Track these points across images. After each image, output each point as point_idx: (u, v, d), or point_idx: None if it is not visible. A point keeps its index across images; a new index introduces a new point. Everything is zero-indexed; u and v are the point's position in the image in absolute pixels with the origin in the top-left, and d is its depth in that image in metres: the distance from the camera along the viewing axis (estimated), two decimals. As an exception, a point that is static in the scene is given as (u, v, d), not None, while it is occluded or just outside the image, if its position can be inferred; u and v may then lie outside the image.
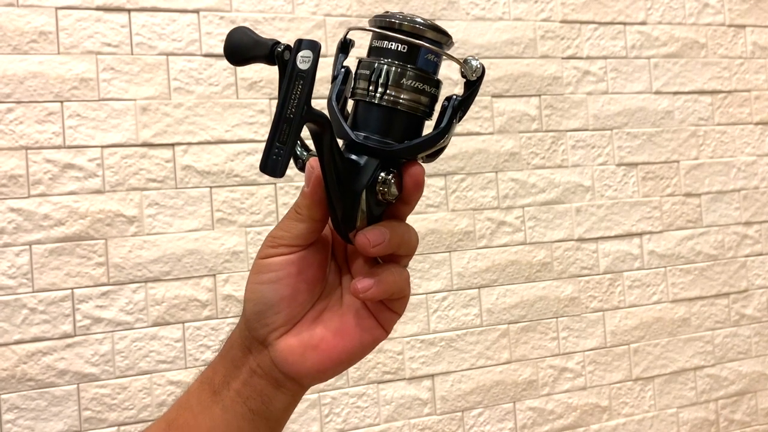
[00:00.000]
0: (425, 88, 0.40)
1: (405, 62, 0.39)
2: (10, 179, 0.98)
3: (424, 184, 0.40)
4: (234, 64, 0.42)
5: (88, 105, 1.02)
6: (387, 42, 0.40)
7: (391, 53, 0.40)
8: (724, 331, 1.36)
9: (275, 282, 0.40)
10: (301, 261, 0.40)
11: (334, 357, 0.40)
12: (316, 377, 0.41)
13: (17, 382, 0.97)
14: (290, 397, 0.41)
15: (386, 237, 0.39)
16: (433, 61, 0.40)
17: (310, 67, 0.35)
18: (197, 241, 1.06)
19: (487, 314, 1.21)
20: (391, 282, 0.39)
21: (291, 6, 1.12)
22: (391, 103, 0.39)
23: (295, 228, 0.40)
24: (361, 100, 0.40)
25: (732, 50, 1.41)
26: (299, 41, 0.36)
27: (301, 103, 0.35)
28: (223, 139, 1.08)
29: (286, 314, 0.40)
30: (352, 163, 0.39)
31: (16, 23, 0.99)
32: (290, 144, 0.35)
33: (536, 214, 1.25)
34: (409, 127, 0.40)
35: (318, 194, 0.39)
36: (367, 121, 0.40)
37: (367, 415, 1.13)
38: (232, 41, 0.41)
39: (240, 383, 0.40)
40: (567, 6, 1.29)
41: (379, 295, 0.39)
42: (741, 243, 1.39)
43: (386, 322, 0.42)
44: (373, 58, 0.40)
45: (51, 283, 0.99)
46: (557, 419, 1.24)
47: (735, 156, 1.40)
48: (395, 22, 0.40)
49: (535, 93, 1.26)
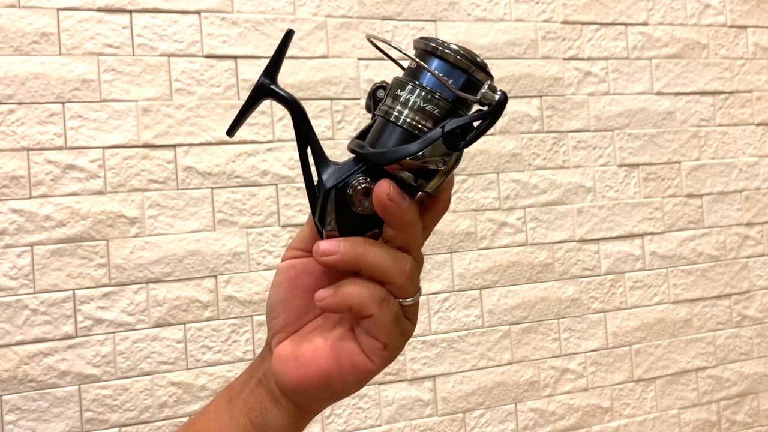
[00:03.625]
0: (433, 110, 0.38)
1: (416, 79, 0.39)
2: (12, 180, 0.98)
3: (397, 208, 0.36)
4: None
5: (89, 106, 1.02)
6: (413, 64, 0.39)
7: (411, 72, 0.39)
8: (726, 332, 1.36)
9: (277, 285, 0.40)
10: (301, 266, 0.40)
11: (309, 373, 0.38)
12: (297, 392, 0.39)
13: (19, 383, 0.97)
14: (286, 417, 0.39)
15: (341, 249, 0.36)
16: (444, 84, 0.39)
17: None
18: (198, 242, 1.06)
19: (488, 315, 1.21)
20: (347, 294, 0.36)
21: (292, 7, 1.12)
22: (385, 114, 0.39)
23: (301, 231, 0.41)
24: (378, 115, 0.40)
25: (733, 51, 1.41)
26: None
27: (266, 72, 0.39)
28: (224, 140, 1.08)
29: (282, 319, 0.40)
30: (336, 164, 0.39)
31: (18, 24, 0.99)
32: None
33: (538, 215, 1.25)
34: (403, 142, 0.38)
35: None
36: (371, 134, 0.40)
37: (369, 416, 1.13)
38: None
39: (248, 392, 0.40)
40: (568, 7, 1.29)
41: (334, 305, 0.37)
42: (743, 244, 1.38)
43: (369, 349, 0.38)
44: (406, 78, 0.39)
45: (52, 284, 0.99)
46: (559, 420, 1.24)
47: (737, 157, 1.39)
48: (439, 49, 0.38)
49: (536, 94, 1.26)
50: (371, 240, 0.38)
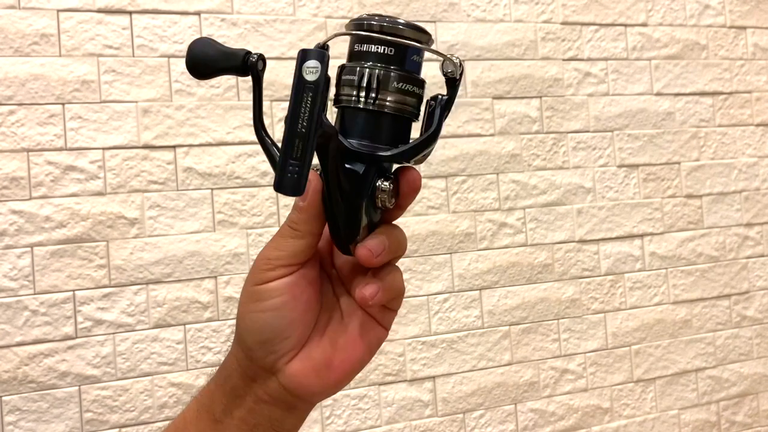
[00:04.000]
0: (412, 89, 0.39)
1: (391, 64, 0.38)
2: (12, 181, 0.98)
3: (420, 188, 0.40)
4: (199, 78, 0.39)
5: (89, 107, 1.02)
6: (371, 45, 0.39)
7: (376, 56, 0.39)
8: (726, 332, 1.36)
9: (279, 308, 0.38)
10: (301, 280, 0.38)
11: (346, 368, 0.40)
12: (331, 392, 0.40)
13: (19, 384, 0.97)
14: (300, 416, 0.41)
15: (386, 245, 0.38)
16: (417, 62, 0.40)
17: (318, 78, 0.34)
18: (198, 243, 1.06)
19: (488, 316, 1.21)
20: (392, 284, 0.39)
21: (292, 8, 1.12)
22: (380, 107, 0.38)
23: (292, 246, 0.38)
24: (347, 106, 0.39)
25: (733, 52, 1.41)
26: (303, 51, 0.35)
27: (314, 116, 0.34)
28: (224, 141, 1.08)
29: (294, 338, 0.38)
30: (351, 172, 0.38)
31: (18, 25, 0.99)
32: (307, 159, 0.33)
33: (537, 216, 1.25)
34: (398, 130, 0.39)
35: (316, 208, 0.38)
36: (355, 127, 0.38)
37: (369, 417, 1.13)
38: (195, 54, 0.38)
39: (245, 411, 0.39)
40: (568, 8, 1.29)
41: (385, 299, 0.39)
42: (742, 244, 1.39)
43: (386, 320, 0.41)
44: (355, 62, 0.39)
45: (52, 285, 0.99)
46: (558, 421, 1.24)
47: (736, 157, 1.39)
48: (377, 25, 0.38)
49: (536, 95, 1.26)
50: (389, 226, 0.40)
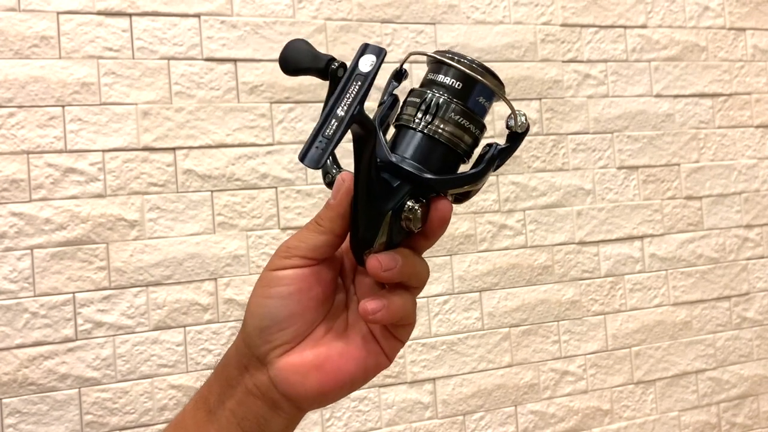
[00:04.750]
0: (470, 127, 0.40)
1: (456, 98, 0.39)
2: (12, 183, 0.98)
3: (449, 222, 0.40)
4: (286, 73, 0.41)
5: (89, 109, 1.02)
6: (443, 76, 0.40)
7: (445, 87, 0.40)
8: (726, 334, 1.36)
9: (285, 297, 0.38)
10: (312, 276, 0.39)
11: (337, 379, 0.39)
12: (317, 399, 0.39)
13: (19, 387, 0.97)
14: (287, 421, 0.40)
15: (398, 264, 0.38)
16: (483, 105, 0.40)
17: (370, 71, 0.36)
18: (198, 245, 1.06)
19: (488, 318, 1.21)
20: (400, 307, 0.38)
21: (292, 10, 1.12)
22: (434, 133, 0.39)
23: (313, 239, 0.39)
24: (404, 125, 0.40)
25: (732, 53, 1.41)
26: (364, 45, 0.37)
27: (355, 102, 0.35)
28: (224, 143, 1.08)
29: (291, 331, 0.38)
30: (385, 181, 0.38)
31: (18, 28, 0.99)
32: (335, 139, 0.35)
33: (537, 218, 1.25)
34: (446, 162, 0.40)
35: (344, 207, 0.38)
36: (406, 146, 0.39)
37: (369, 419, 1.13)
38: (289, 51, 0.41)
39: (235, 403, 0.39)
40: (567, 9, 1.29)
41: (388, 319, 0.38)
42: (742, 246, 1.39)
43: (390, 349, 0.40)
44: (424, 88, 0.40)
45: (52, 287, 0.99)
46: (559, 423, 1.24)
47: (736, 159, 1.40)
48: (456, 58, 0.40)
49: (535, 96, 1.26)
50: (412, 251, 0.40)
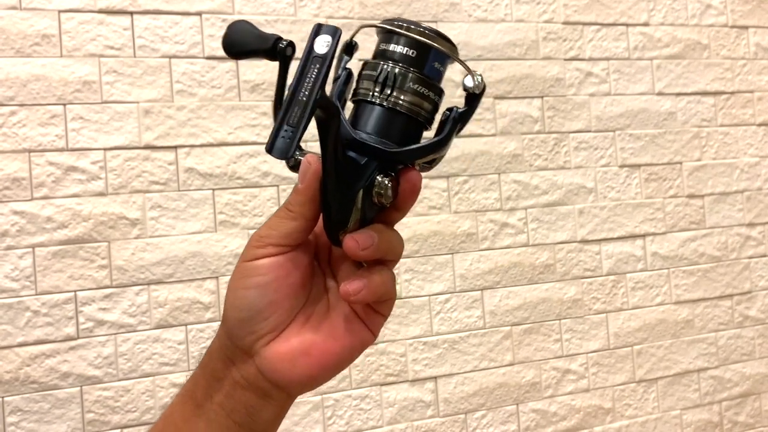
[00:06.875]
0: (429, 95, 0.39)
1: (412, 66, 0.39)
2: (14, 182, 0.98)
3: (419, 191, 0.39)
4: (232, 57, 0.40)
5: (90, 108, 1.02)
6: (396, 45, 0.39)
7: (399, 56, 0.39)
8: (728, 332, 1.36)
9: (263, 286, 0.38)
10: (289, 263, 0.38)
11: (324, 362, 0.39)
12: (306, 384, 0.39)
13: (20, 385, 0.97)
14: (277, 408, 0.40)
15: (375, 241, 0.37)
16: (438, 70, 0.40)
17: (327, 52, 0.35)
18: (200, 243, 1.06)
19: (489, 316, 1.21)
20: (379, 284, 0.38)
21: (293, 8, 1.12)
22: (394, 104, 0.38)
23: (285, 226, 0.38)
24: (363, 100, 0.39)
25: (735, 51, 1.41)
26: (318, 25, 0.36)
27: (316, 87, 0.34)
28: (225, 142, 1.08)
29: (274, 320, 0.38)
30: (352, 160, 0.38)
31: (19, 26, 0.99)
32: (301, 127, 0.34)
33: (539, 216, 1.25)
34: (409, 132, 0.39)
35: (312, 190, 0.38)
36: (367, 121, 0.39)
37: (370, 418, 1.13)
38: (232, 33, 0.40)
39: (223, 396, 0.39)
40: (569, 7, 1.29)
41: (369, 298, 0.38)
42: (744, 244, 1.38)
43: (374, 324, 0.40)
44: (379, 59, 0.40)
45: (54, 285, 0.99)
46: (560, 421, 1.24)
47: (738, 157, 1.39)
48: (404, 25, 0.39)
49: (537, 95, 1.26)
50: (385, 226, 0.40)
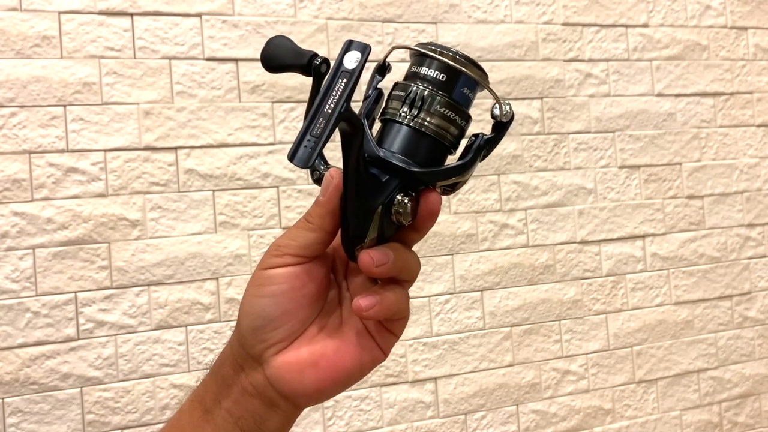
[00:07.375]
0: (456, 119, 0.40)
1: (441, 90, 0.39)
2: (14, 183, 0.99)
3: (438, 214, 0.40)
4: (268, 71, 0.41)
5: (91, 109, 1.02)
6: (427, 68, 0.40)
7: (429, 79, 0.40)
8: (728, 333, 1.36)
9: (278, 295, 0.38)
10: (305, 274, 0.39)
11: (333, 376, 0.39)
12: (313, 396, 0.40)
13: (21, 386, 0.97)
14: (284, 418, 0.40)
15: (390, 259, 0.38)
16: (467, 96, 0.41)
17: (356, 67, 0.35)
18: (200, 244, 1.06)
19: (489, 317, 1.21)
20: (393, 302, 0.39)
21: (293, 10, 1.12)
22: (420, 125, 0.39)
23: (304, 237, 0.39)
24: (390, 119, 0.40)
25: (734, 52, 1.41)
26: (349, 42, 0.36)
27: (341, 100, 0.35)
28: (225, 143, 1.08)
29: (286, 330, 0.39)
30: (374, 176, 0.38)
31: (19, 27, 1.00)
32: (323, 138, 0.34)
33: (539, 217, 1.25)
34: (433, 154, 0.40)
35: (333, 204, 0.38)
36: (393, 140, 0.39)
37: (370, 419, 1.13)
38: (271, 48, 0.40)
39: (231, 402, 0.39)
40: (569, 9, 1.29)
41: (382, 315, 0.38)
42: (744, 245, 1.38)
43: (385, 343, 0.41)
44: (409, 81, 0.40)
45: (54, 286, 0.99)
46: (560, 422, 1.24)
47: (737, 158, 1.39)
48: (439, 50, 0.40)
49: (537, 96, 1.26)
50: (402, 245, 0.40)
